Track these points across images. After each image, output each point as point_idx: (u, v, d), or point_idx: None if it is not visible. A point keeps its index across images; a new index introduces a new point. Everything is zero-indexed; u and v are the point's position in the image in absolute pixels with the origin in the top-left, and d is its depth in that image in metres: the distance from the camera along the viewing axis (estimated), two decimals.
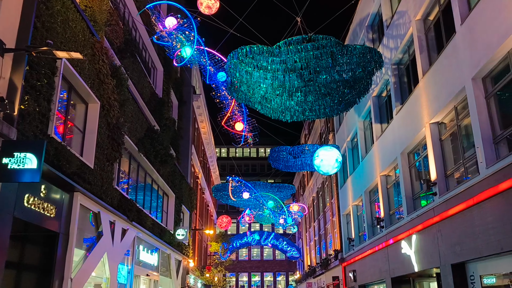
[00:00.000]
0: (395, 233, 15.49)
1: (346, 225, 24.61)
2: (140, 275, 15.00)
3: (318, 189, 34.46)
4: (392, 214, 16.89)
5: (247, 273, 56.41)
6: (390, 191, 17.21)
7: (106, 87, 11.43)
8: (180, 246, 21.15)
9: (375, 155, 18.16)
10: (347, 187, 23.58)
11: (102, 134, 11.37)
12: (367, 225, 19.58)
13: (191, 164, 26.79)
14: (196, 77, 30.30)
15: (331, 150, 16.85)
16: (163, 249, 18.31)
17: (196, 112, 28.82)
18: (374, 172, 18.23)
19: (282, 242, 42.87)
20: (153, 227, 16.29)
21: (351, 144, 23.36)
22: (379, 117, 18.14)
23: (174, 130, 23.35)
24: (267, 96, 12.66)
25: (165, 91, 21.17)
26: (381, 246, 17.16)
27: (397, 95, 15.64)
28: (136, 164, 15.41)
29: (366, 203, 19.93)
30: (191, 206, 24.56)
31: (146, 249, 15.68)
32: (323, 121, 31.12)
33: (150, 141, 15.70)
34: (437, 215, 11.92)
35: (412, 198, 14.51)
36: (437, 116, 12.26)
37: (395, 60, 15.73)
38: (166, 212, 19.87)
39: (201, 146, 32.80)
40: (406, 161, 14.93)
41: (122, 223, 12.93)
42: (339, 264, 24.77)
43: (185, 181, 22.87)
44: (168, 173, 18.94)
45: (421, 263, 13.29)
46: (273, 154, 21.65)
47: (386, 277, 16.66)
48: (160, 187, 18.53)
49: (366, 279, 19.91)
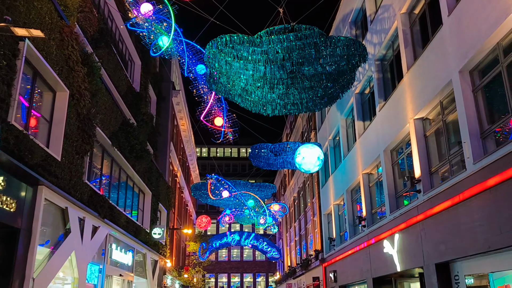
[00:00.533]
0: (377, 232, 15.14)
1: (327, 225, 24.25)
2: (113, 275, 14.30)
3: (299, 189, 34.09)
4: (374, 213, 16.54)
5: (226, 274, 55.75)
6: (373, 189, 16.87)
7: (76, 75, 10.75)
8: (156, 246, 20.46)
9: (358, 153, 17.81)
10: (329, 186, 23.22)
11: (71, 125, 10.69)
12: (349, 224, 19.22)
13: (169, 161, 26.09)
14: (176, 73, 29.61)
15: (312, 148, 16.42)
16: (139, 248, 17.61)
17: (175, 108, 28.12)
18: (356, 170, 17.88)
19: (262, 243, 42.28)
20: (128, 225, 15.60)
21: (333, 143, 23.02)
22: (361, 115, 17.80)
23: (152, 126, 22.66)
24: (247, 88, 12.13)
25: (143, 86, 20.48)
26: (362, 245, 16.80)
27: (380, 91, 15.30)
28: (110, 159, 14.71)
29: (347, 202, 19.58)
30: (169, 205, 23.87)
31: (120, 248, 14.99)
32: (305, 119, 30.76)
33: (125, 135, 15.02)
34: (421, 213, 11.57)
35: (395, 197, 14.17)
36: (422, 112, 11.92)
37: (379, 55, 15.40)
38: (142, 210, 19.17)
39: (180, 143, 32.09)
40: (389, 159, 14.59)
41: (93, 220, 12.25)
42: (320, 264, 24.39)
43: (162, 178, 22.18)
44: (144, 170, 18.26)
45: (403, 262, 12.94)
46: (253, 151, 21.14)
47: (368, 277, 16.30)
48: (135, 184, 17.83)
49: (347, 279, 19.54)
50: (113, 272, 14.36)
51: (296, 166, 17.13)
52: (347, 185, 19.43)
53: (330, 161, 22.98)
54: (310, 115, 28.49)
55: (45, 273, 9.30)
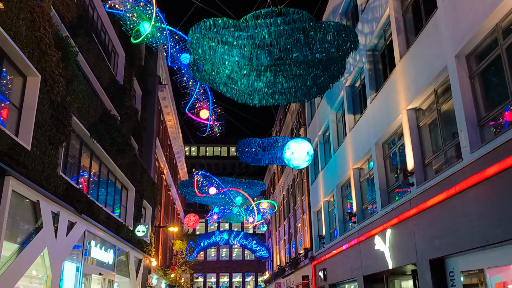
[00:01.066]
0: (368, 228, 14.63)
1: (316, 222, 23.73)
2: (92, 274, 13.60)
3: (288, 187, 33.55)
4: (365, 209, 16.03)
5: (215, 273, 55.04)
6: (363, 184, 16.36)
7: (49, 59, 10.06)
8: (140, 244, 19.76)
9: (348, 148, 17.30)
10: (318, 183, 22.70)
11: (43, 113, 10.00)
12: (339, 221, 18.71)
13: (155, 157, 25.39)
14: (163, 67, 28.90)
15: (302, 143, 15.86)
16: (121, 246, 16.91)
17: (161, 103, 27.41)
18: (347, 165, 17.36)
19: (251, 242, 41.67)
20: (108, 221, 14.91)
21: (323, 138, 22.50)
22: (352, 108, 17.29)
23: (137, 121, 21.96)
24: (233, 76, 11.52)
25: (127, 78, 19.77)
26: (353, 242, 16.29)
27: (371, 82, 14.80)
28: (89, 152, 14.01)
29: (337, 198, 19.06)
30: (154, 202, 23.17)
31: (100, 246, 14.29)
32: (294, 115, 30.23)
33: (105, 127, 14.33)
34: (414, 207, 11.06)
35: (387, 191, 13.67)
36: (415, 102, 11.41)
37: (370, 46, 14.89)
38: (125, 207, 18.46)
39: (167, 140, 31.38)
40: (381, 152, 14.08)
41: (68, 215, 11.55)
42: (309, 262, 23.86)
43: (147, 174, 21.49)
44: (127, 164, 17.56)
45: (396, 259, 12.43)
46: (241, 146, 20.54)
47: (358, 275, 15.79)
48: (118, 179, 17.13)
49: (336, 278, 19.02)
50: (92, 270, 13.67)
51: (285, 161, 16.54)
52: (337, 181, 18.91)
53: (320, 157, 22.46)
54: (300, 111, 27.97)
55: (12, 270, 8.61)
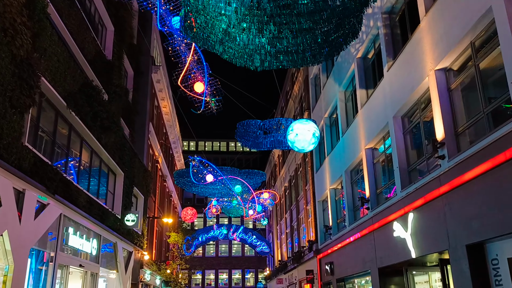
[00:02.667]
0: (384, 214, 12.92)
1: (322, 212, 22.03)
2: (69, 265, 11.88)
3: (290, 177, 31.83)
4: (379, 194, 14.32)
5: (214, 270, 53.34)
6: (377, 167, 14.65)
7: (8, 4, 8.33)
8: (130, 235, 18.04)
9: (359, 127, 15.57)
10: (324, 170, 20.98)
11: (3, 68, 8.27)
12: (348, 209, 16.99)
13: (149, 144, 23.66)
14: (157, 48, 27.12)
15: (307, 124, 14.13)
16: (107, 236, 15.19)
17: (155, 87, 25.65)
18: (358, 147, 15.64)
19: (251, 236, 40.08)
20: (91, 207, 13.19)
21: (329, 121, 20.77)
22: (364, 82, 15.55)
23: (127, 102, 20.28)
24: (230, 31, 9.78)
25: (116, 55, 18.01)
26: (365, 231, 14.58)
27: (388, 49, 13.05)
28: (67, 126, 12.27)
29: (347, 184, 17.34)
30: (147, 190, 21.43)
31: (80, 234, 12.57)
32: (297, 101, 28.49)
33: (86, 98, 12.60)
34: (444, 184, 9.34)
35: (407, 170, 11.95)
36: (445, 60, 9.69)
37: (387, 7, 13.15)
38: (113, 193, 16.73)
39: (162, 128, 29.63)
40: (400, 126, 12.35)
41: (38, 195, 9.83)
42: (314, 256, 22.16)
43: (138, 160, 19.75)
44: (115, 146, 15.82)
45: (420, 247, 10.72)
46: (241, 129, 18.82)
47: (372, 268, 14.08)
48: (103, 161, 15.39)
49: (345, 271, 17.31)
50: (70, 262, 11.94)
51: (289, 144, 14.81)
52: (346, 165, 17.19)
53: (326, 142, 20.73)
54: (303, 96, 26.23)
55: None
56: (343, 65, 17.38)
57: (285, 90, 33.42)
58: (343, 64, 17.37)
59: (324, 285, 21.09)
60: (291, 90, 30.06)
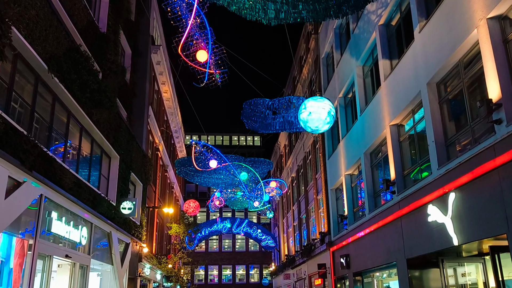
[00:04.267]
0: (415, 197, 11.25)
1: (335, 202, 20.38)
2: (53, 256, 10.27)
3: (298, 167, 30.17)
4: (406, 175, 12.66)
5: (217, 265, 51.76)
6: (404, 145, 12.99)
7: None
8: (127, 225, 16.44)
9: (382, 102, 13.90)
10: (338, 155, 19.32)
11: None
12: (367, 195, 15.33)
13: (148, 129, 22.03)
14: (157, 30, 25.45)
15: (322, 101, 12.46)
16: (99, 224, 13.59)
17: (155, 69, 23.99)
18: (380, 125, 13.97)
19: (256, 230, 38.51)
20: (79, 190, 11.57)
21: (344, 101, 19.10)
22: (387, 51, 13.87)
23: (124, 82, 18.65)
24: None
25: (111, 29, 16.38)
26: (390, 218, 12.93)
27: (420, 7, 11.36)
28: (51, 96, 10.63)
29: (366, 168, 15.67)
30: (146, 178, 19.81)
31: (66, 220, 10.94)
32: (306, 85, 26.80)
33: (72, 64, 10.96)
34: (502, 155, 7.67)
35: (446, 144, 10.28)
36: (500, 6, 8.01)
37: None
38: (107, 178, 15.12)
39: (163, 114, 27.97)
40: (436, 94, 10.67)
41: (10, 170, 8.21)
42: (327, 249, 20.52)
43: (136, 143, 18.12)
44: (108, 125, 14.20)
45: (464, 233, 9.06)
46: (247, 108, 17.12)
47: (399, 259, 12.44)
48: (96, 141, 13.75)
49: (364, 264, 15.67)
50: (54, 251, 10.33)
51: (301, 124, 13.12)
52: (365, 148, 15.53)
53: (341, 124, 19.07)
54: (313, 78, 24.54)
55: None
56: (362, 36, 15.70)
57: (292, 76, 31.73)
58: (362, 35, 15.69)
59: (338, 280, 19.48)
60: (299, 75, 28.37)
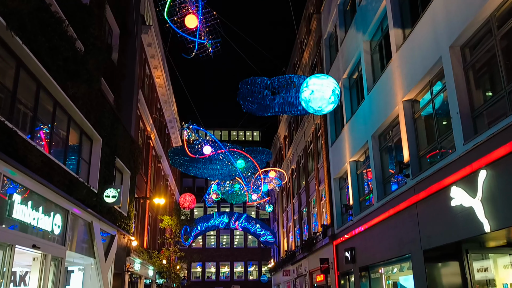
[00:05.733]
0: (434, 179, 9.81)
1: (338, 191, 18.96)
2: (15, 245, 8.83)
3: (299, 158, 28.73)
4: (422, 156, 11.23)
5: (215, 262, 50.36)
6: (419, 123, 11.55)
7: None
8: (112, 215, 15.02)
9: (393, 76, 12.46)
10: (342, 141, 17.89)
11: None
12: (376, 182, 13.90)
13: (138, 114, 20.60)
14: (149, 11, 23.94)
15: (325, 79, 11.08)
16: (77, 212, 12.15)
17: (146, 51, 22.51)
18: (392, 101, 12.53)
19: (255, 225, 37.00)
20: (51, 172, 10.15)
21: (349, 83, 17.66)
22: (399, 19, 12.41)
23: (110, 60, 17.26)
24: None
25: (95, 2, 14.98)
26: (403, 205, 11.51)
27: None
28: (14, 60, 9.17)
29: (374, 152, 14.24)
30: (134, 166, 18.38)
31: (33, 205, 9.50)
32: (307, 71, 25.35)
33: (39, 25, 9.51)
34: None
35: (472, 116, 8.85)
36: None
37: None
38: (88, 162, 13.68)
39: (156, 102, 26.49)
40: (459, 59, 9.23)
41: None
42: (329, 242, 19.11)
43: (123, 127, 16.68)
44: (88, 102, 12.74)
45: (499, 217, 7.63)
46: (244, 88, 15.66)
47: (413, 251, 11.02)
48: (73, 120, 12.28)
49: (372, 258, 14.25)
50: (17, 240, 8.89)
51: (302, 104, 11.73)
52: (373, 129, 14.11)
53: (345, 108, 17.63)
54: (315, 62, 23.10)
55: None
56: (370, 7, 14.26)
57: (293, 63, 30.29)
58: (370, 6, 14.25)
59: (342, 276, 18.07)
60: (299, 61, 26.92)
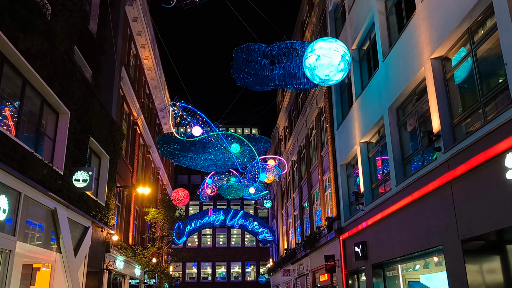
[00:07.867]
0: (477, 149, 7.67)
1: (346, 179, 16.82)
2: None
3: (300, 148, 26.58)
4: (456, 125, 9.10)
5: (210, 262, 48.12)
6: (452, 85, 9.42)
7: None
8: (85, 203, 12.86)
9: (419, 31, 10.32)
10: (351, 121, 15.76)
11: None
12: (395, 163, 11.76)
13: (121, 94, 18.43)
14: None
15: (333, 42, 8.99)
16: (34, 196, 9.98)
17: (132, 26, 20.34)
18: (415, 63, 10.39)
19: (252, 223, 34.88)
20: None
21: (359, 54, 15.53)
22: None
23: (88, 31, 15.15)
24: None
25: None
26: (431, 186, 9.37)
27: None
28: None
29: (391, 128, 12.10)
30: (114, 150, 16.20)
31: None
32: None
33: None
34: None
35: None
36: None
37: None
38: (53, 139, 11.51)
39: (144, 86, 24.30)
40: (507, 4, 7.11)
41: None
42: (336, 237, 16.95)
43: (99, 103, 14.51)
44: (49, 62, 10.57)
45: None
46: (239, 57, 13.52)
47: (446, 242, 8.87)
48: (29, 82, 10.10)
49: (389, 253, 12.09)
50: None
51: (306, 73, 9.61)
52: (391, 101, 11.97)
53: (354, 83, 15.50)
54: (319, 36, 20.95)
55: None
56: None
57: None
58: None
59: (350, 275, 15.92)
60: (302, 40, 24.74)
